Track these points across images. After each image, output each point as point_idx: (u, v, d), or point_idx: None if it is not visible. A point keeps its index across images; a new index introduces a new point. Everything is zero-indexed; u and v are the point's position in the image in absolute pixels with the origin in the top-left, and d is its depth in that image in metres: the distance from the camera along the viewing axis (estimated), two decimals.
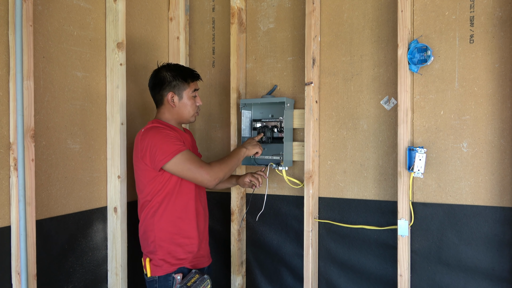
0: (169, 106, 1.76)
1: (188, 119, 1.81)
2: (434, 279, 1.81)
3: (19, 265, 1.54)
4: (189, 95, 1.77)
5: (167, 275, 1.66)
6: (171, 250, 1.68)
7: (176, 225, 1.69)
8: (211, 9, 2.43)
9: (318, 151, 2.07)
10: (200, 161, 1.66)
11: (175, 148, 1.61)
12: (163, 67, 1.79)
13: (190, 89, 1.78)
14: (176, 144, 1.63)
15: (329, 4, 2.05)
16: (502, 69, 1.69)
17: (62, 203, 1.78)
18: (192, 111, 1.79)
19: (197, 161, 1.65)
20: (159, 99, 1.78)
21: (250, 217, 2.30)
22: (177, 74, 1.75)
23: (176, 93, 1.75)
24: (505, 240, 1.68)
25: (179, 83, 1.75)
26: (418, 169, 1.72)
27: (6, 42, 1.54)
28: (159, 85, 1.75)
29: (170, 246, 1.68)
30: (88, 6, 1.90)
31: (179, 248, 1.69)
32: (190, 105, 1.78)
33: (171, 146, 1.61)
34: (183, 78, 1.76)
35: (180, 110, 1.77)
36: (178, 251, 1.69)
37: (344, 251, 2.03)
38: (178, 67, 1.80)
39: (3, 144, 1.54)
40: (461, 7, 1.76)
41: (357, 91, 2.00)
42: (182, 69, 1.79)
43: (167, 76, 1.75)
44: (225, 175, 1.71)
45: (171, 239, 1.68)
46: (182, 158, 1.62)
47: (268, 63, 2.24)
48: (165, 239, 1.68)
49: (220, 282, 2.38)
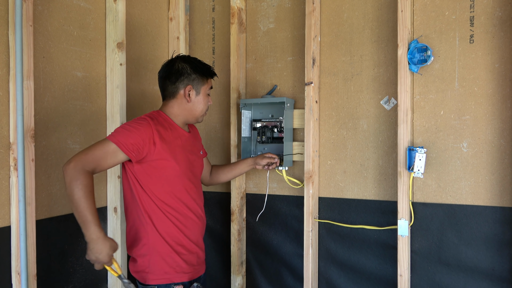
0: (183, 101, 1.63)
1: (197, 118, 1.68)
2: (434, 279, 1.81)
3: (19, 265, 1.54)
4: (205, 92, 1.66)
5: (168, 285, 1.55)
6: (167, 259, 1.56)
7: (170, 233, 1.57)
8: (211, 9, 2.43)
9: (318, 151, 2.07)
10: (92, 159, 1.40)
11: (118, 138, 1.44)
12: (180, 57, 1.66)
13: (208, 86, 1.67)
14: (126, 136, 1.45)
15: (329, 4, 2.05)
16: (502, 69, 1.69)
17: (62, 203, 1.78)
18: (204, 109, 1.68)
19: (91, 156, 1.40)
20: (172, 91, 1.63)
21: (250, 217, 2.30)
22: (197, 68, 1.64)
23: (194, 87, 1.63)
24: (505, 240, 1.68)
25: (198, 77, 1.63)
26: (418, 169, 1.72)
27: (6, 42, 1.54)
28: (176, 76, 1.61)
29: (166, 254, 1.56)
30: (88, 6, 1.90)
31: (176, 257, 1.57)
32: (205, 103, 1.66)
33: (120, 134, 1.46)
34: (202, 72, 1.64)
35: (194, 106, 1.64)
36: (175, 260, 1.57)
37: (344, 251, 2.03)
38: (197, 60, 1.67)
39: (3, 144, 1.54)
40: (461, 7, 1.76)
41: (357, 91, 2.00)
42: (202, 63, 1.67)
43: (186, 67, 1.62)
44: (65, 184, 1.38)
45: (166, 247, 1.56)
46: (101, 144, 1.44)
47: (268, 63, 2.24)
48: (160, 246, 1.55)
49: (220, 282, 2.38)
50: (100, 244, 1.37)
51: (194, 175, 1.69)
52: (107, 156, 1.45)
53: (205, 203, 2.41)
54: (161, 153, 1.53)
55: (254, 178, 2.28)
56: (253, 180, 2.28)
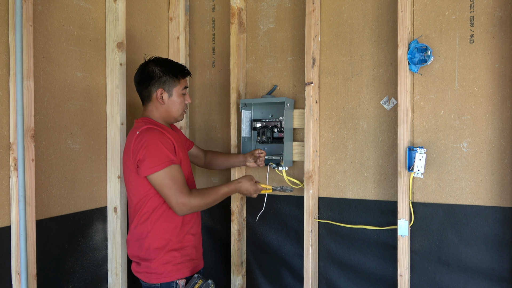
0: (157, 103, 1.67)
1: (176, 118, 1.72)
2: (434, 279, 1.81)
3: (19, 265, 1.54)
4: (179, 93, 1.68)
5: (169, 282, 1.60)
6: (169, 257, 1.61)
7: (170, 231, 1.62)
8: (211, 9, 2.43)
9: (318, 151, 2.07)
10: (183, 183, 1.55)
11: (166, 159, 1.53)
12: (151, 61, 1.69)
13: (181, 86, 1.69)
14: (168, 155, 1.54)
15: (329, 4, 2.05)
16: (502, 69, 1.69)
17: (62, 203, 1.78)
18: (181, 109, 1.71)
19: (180, 182, 1.54)
20: (146, 95, 1.68)
21: (250, 217, 2.30)
22: (167, 70, 1.66)
23: (165, 90, 1.66)
24: (505, 240, 1.68)
25: (169, 79, 1.65)
26: (418, 169, 1.72)
27: (6, 42, 1.54)
28: (147, 80, 1.65)
29: (167, 253, 1.61)
30: (88, 6, 1.90)
31: (176, 254, 1.62)
32: (180, 103, 1.69)
33: (163, 156, 1.52)
34: (173, 74, 1.66)
35: (169, 108, 1.68)
36: (176, 257, 1.62)
37: (344, 251, 2.03)
38: (168, 61, 1.70)
39: (3, 144, 1.54)
40: (461, 7, 1.76)
41: (357, 91, 2.00)
42: (172, 64, 1.70)
43: (156, 71, 1.65)
44: (199, 208, 1.60)
45: (167, 246, 1.61)
46: (168, 173, 1.53)
47: (268, 63, 2.24)
48: (160, 246, 1.60)
49: (220, 282, 2.38)
50: (242, 189, 1.79)
51: (188, 170, 1.75)
52: (180, 174, 1.57)
53: None
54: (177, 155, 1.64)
55: None
56: None
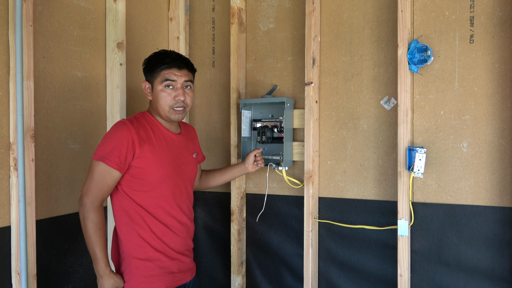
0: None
1: (165, 113, 1.54)
2: (434, 279, 1.81)
3: (19, 265, 1.54)
4: (160, 85, 1.53)
5: None
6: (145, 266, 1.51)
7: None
8: (211, 9, 2.43)
9: (318, 151, 2.07)
10: (96, 187, 1.44)
11: (102, 154, 1.43)
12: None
13: (161, 78, 1.52)
14: (108, 151, 1.43)
15: (329, 4, 2.05)
16: (502, 69, 1.69)
17: (62, 203, 1.78)
18: (164, 105, 1.53)
19: (94, 183, 1.44)
20: None
21: (250, 217, 2.30)
22: (149, 60, 1.57)
23: (150, 83, 1.56)
24: (505, 240, 1.68)
25: (150, 72, 1.55)
26: (418, 169, 1.72)
27: (6, 42, 1.54)
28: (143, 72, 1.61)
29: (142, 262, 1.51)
30: (88, 6, 1.90)
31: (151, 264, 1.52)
32: (162, 97, 1.52)
33: (104, 149, 1.44)
34: (153, 64, 1.55)
35: (156, 102, 1.55)
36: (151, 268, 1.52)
37: (344, 251, 2.03)
38: (154, 54, 1.58)
39: (3, 144, 1.54)
40: (461, 7, 1.76)
41: (357, 91, 2.00)
42: (154, 55, 1.57)
43: (144, 62, 1.59)
44: (81, 222, 1.46)
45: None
46: (95, 167, 1.44)
47: (268, 63, 2.24)
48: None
49: (220, 282, 2.38)
50: (105, 281, 1.48)
51: (182, 179, 1.61)
52: (105, 178, 1.45)
53: (205, 203, 2.42)
54: (142, 157, 1.47)
55: (254, 178, 2.28)
56: (253, 180, 2.28)
